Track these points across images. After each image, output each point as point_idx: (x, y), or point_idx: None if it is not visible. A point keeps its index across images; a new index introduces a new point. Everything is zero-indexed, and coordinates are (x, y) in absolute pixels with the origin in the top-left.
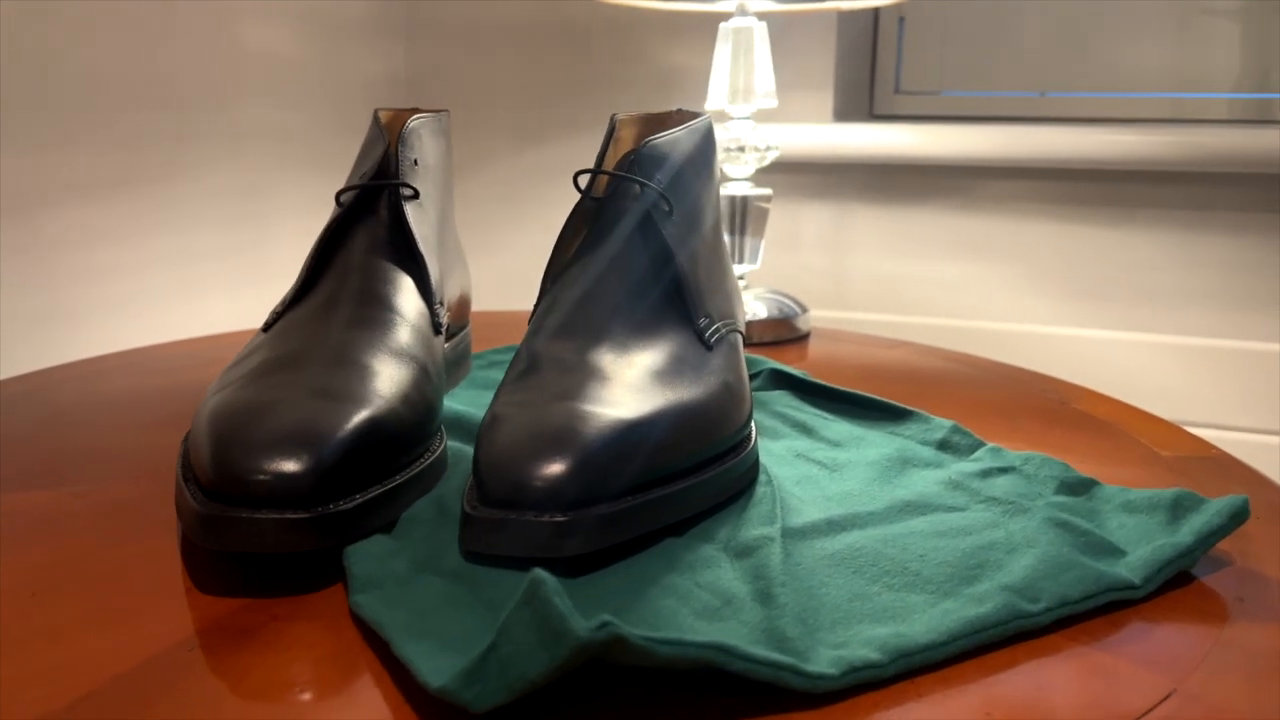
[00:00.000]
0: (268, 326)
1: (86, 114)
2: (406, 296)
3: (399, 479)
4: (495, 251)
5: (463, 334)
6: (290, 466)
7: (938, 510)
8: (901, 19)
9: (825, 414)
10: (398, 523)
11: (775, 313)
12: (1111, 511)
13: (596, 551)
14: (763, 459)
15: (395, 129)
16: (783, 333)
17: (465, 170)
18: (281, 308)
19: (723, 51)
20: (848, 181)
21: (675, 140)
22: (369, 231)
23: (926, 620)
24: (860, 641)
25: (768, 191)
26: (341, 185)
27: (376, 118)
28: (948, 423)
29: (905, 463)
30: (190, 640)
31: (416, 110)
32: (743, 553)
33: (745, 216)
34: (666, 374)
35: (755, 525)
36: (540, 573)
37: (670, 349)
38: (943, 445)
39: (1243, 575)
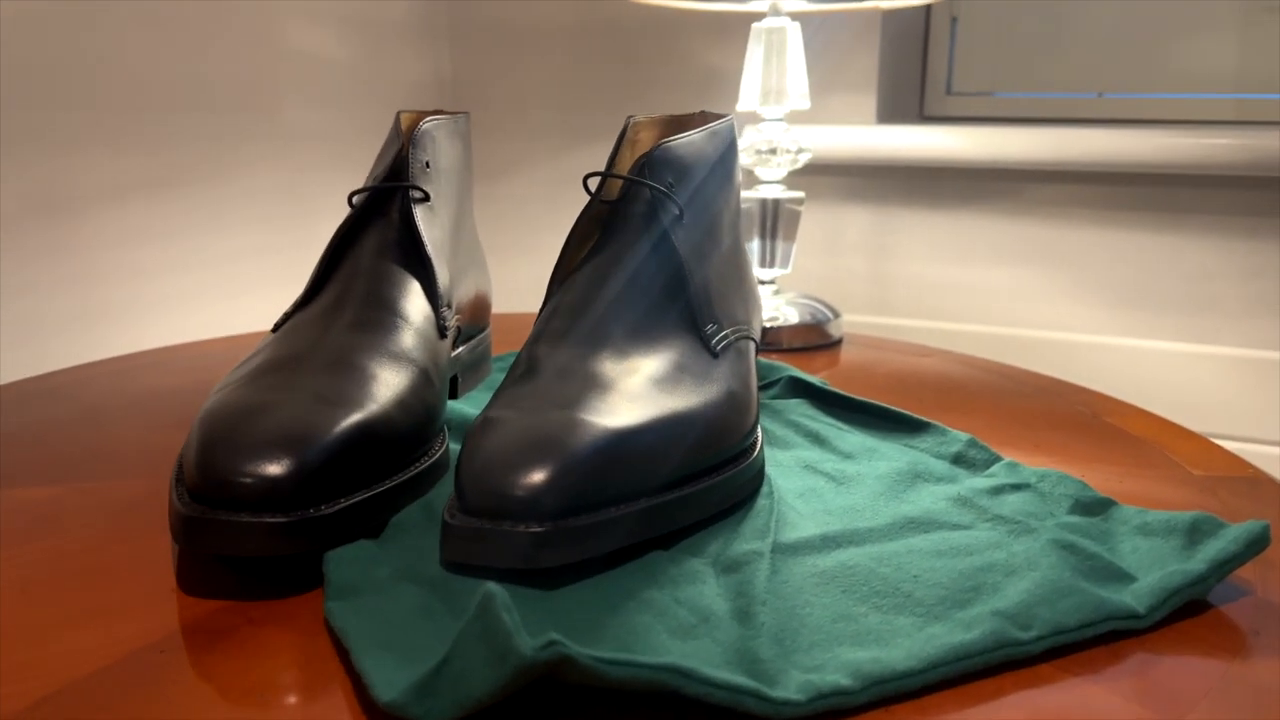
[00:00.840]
0: (277, 327)
1: (129, 115)
2: (412, 300)
3: (389, 483)
4: (539, 254)
5: (482, 336)
6: (271, 469)
7: (941, 528)
8: (954, 19)
9: (840, 424)
10: (386, 527)
11: (807, 318)
12: (1126, 534)
13: (580, 562)
14: (769, 470)
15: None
16: (814, 339)
17: (507, 171)
18: (292, 309)
19: (755, 52)
20: (892, 184)
21: (690, 143)
22: (379, 234)
23: (909, 645)
24: (835, 665)
25: (800, 194)
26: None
27: (397, 120)
28: (964, 436)
29: (916, 477)
30: (164, 641)
31: (440, 113)
32: (730, 568)
33: (776, 220)
34: (665, 382)
35: (747, 540)
36: (492, 587)
37: (672, 356)
38: (958, 459)
39: (1261, 607)
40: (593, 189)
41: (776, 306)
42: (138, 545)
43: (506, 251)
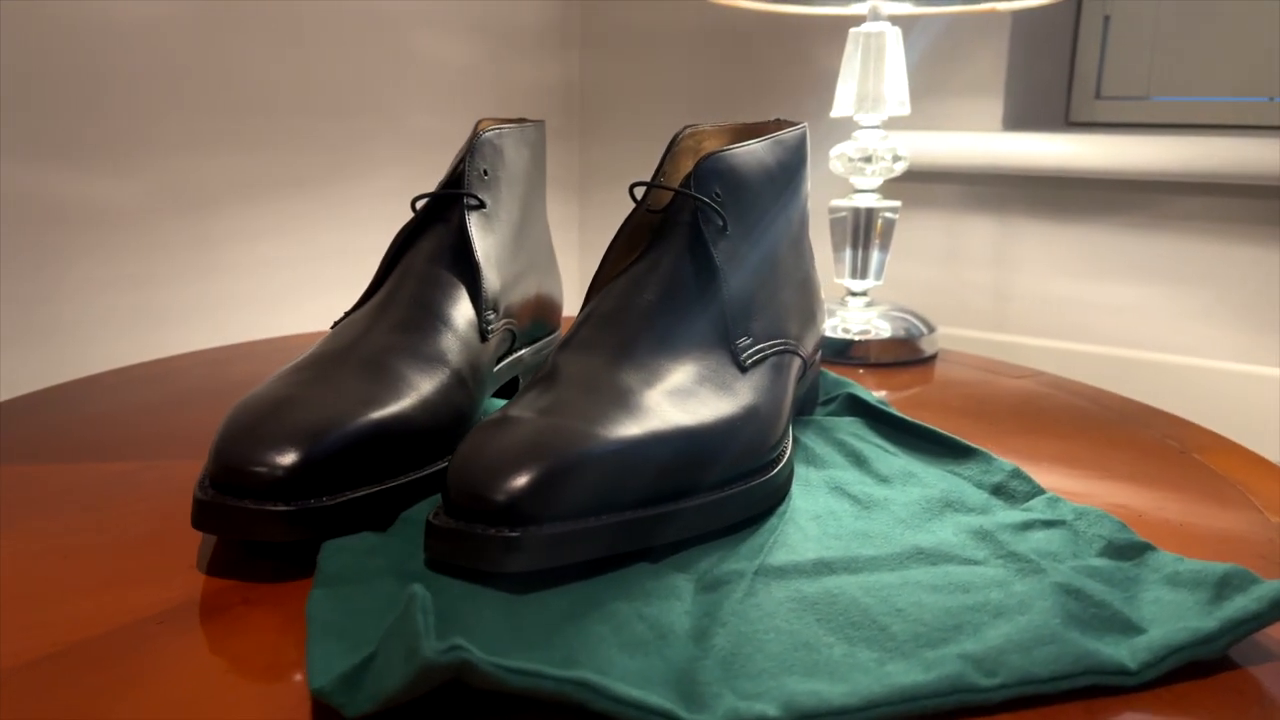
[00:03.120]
0: (335, 324)
1: (258, 119)
2: (458, 304)
3: (402, 480)
4: None
5: (550, 339)
6: (279, 460)
7: (951, 562)
8: (1107, 17)
9: (888, 446)
10: (396, 521)
11: (900, 332)
12: (1154, 582)
13: (562, 568)
14: (794, 488)
15: None
16: (904, 354)
17: (628, 175)
18: (352, 307)
19: (852, 57)
20: (1018, 194)
21: (747, 153)
22: (435, 239)
23: (859, 681)
24: (774, 695)
25: (896, 204)
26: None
27: (475, 128)
28: (1009, 465)
29: (946, 506)
30: (165, 614)
31: (523, 120)
32: (710, 586)
33: (868, 230)
34: (678, 395)
35: (738, 559)
36: (416, 588)
37: (695, 369)
38: (997, 490)
39: None
40: (639, 197)
41: (868, 319)
42: (178, 522)
43: None
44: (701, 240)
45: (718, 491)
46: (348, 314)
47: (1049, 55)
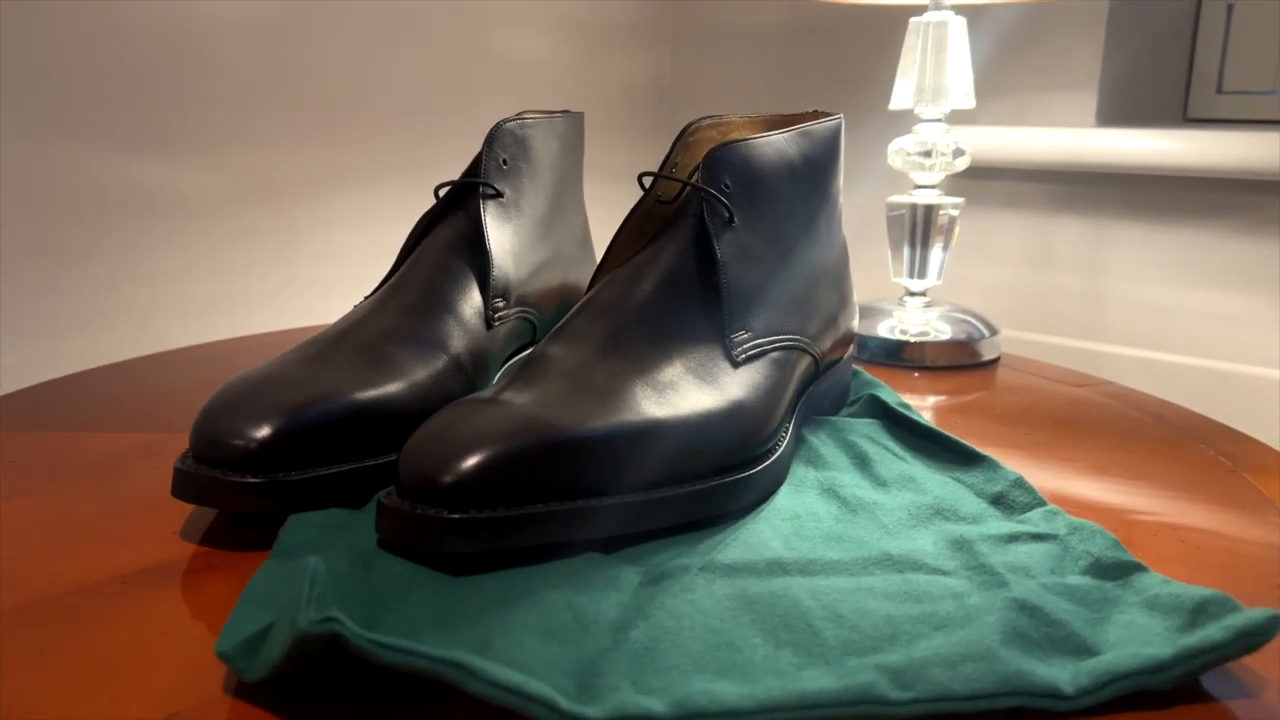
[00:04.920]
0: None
1: (345, 114)
2: (466, 291)
3: (380, 459)
4: None
5: None
6: (253, 434)
7: (917, 571)
8: (1230, 6)
9: (897, 449)
10: (371, 500)
11: (961, 335)
12: (1131, 605)
13: (507, 552)
14: (784, 487)
15: None
16: (962, 358)
17: None
18: (371, 292)
19: (913, 48)
20: (1114, 194)
21: (762, 144)
22: (452, 226)
23: (764, 684)
24: (669, 693)
25: (958, 200)
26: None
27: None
28: (1012, 474)
29: (936, 514)
30: (132, 575)
31: (566, 113)
32: (656, 580)
33: (927, 228)
34: (659, 386)
35: (692, 554)
36: (312, 560)
37: (682, 362)
38: (996, 499)
39: (1255, 712)
40: (648, 187)
41: (926, 320)
42: None
43: None
44: (705, 232)
45: (685, 485)
46: (366, 298)
47: (1158, 47)
